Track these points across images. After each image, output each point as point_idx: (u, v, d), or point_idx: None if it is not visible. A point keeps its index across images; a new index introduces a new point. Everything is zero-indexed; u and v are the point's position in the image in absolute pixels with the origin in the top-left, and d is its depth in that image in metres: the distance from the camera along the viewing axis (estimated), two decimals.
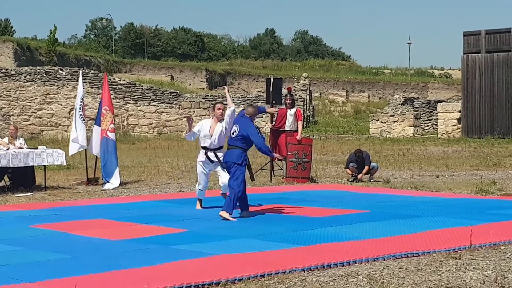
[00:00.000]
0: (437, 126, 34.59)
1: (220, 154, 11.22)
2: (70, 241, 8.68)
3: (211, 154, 11.23)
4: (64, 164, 15.80)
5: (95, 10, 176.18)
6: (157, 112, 34.67)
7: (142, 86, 35.50)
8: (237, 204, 10.61)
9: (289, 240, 8.59)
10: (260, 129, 11.11)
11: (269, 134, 17.66)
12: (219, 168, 11.29)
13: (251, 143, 10.68)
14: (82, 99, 16.10)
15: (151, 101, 34.64)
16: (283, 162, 16.84)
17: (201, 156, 11.36)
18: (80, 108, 15.85)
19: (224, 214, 10.33)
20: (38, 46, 53.27)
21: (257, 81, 65.70)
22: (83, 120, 15.81)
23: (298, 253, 7.81)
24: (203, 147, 11.32)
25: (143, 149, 27.12)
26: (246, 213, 10.78)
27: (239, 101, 38.59)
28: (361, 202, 12.53)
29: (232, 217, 10.35)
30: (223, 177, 11.15)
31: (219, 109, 11.40)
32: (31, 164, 14.58)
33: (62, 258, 7.57)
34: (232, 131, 10.79)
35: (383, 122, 35.29)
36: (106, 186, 15.10)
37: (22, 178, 14.88)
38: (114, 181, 15.33)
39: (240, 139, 10.63)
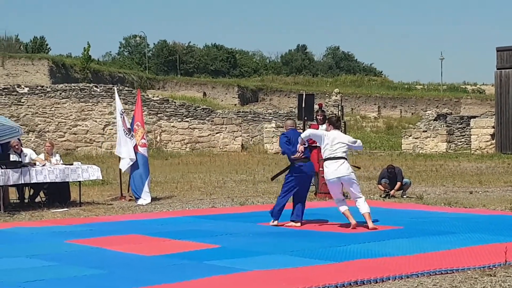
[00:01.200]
0: (470, 141, 34.30)
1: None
2: (105, 257, 8.77)
3: None
4: (100, 178, 15.96)
5: (129, 28, 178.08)
6: (190, 128, 34.85)
7: (175, 102, 35.75)
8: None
9: (322, 256, 8.59)
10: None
11: None
12: None
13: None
14: (122, 113, 16.22)
15: (184, 117, 34.85)
16: (314, 177, 16.82)
17: None
18: (122, 123, 15.97)
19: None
20: (72, 64, 53.95)
21: (288, 97, 65.78)
22: (126, 134, 15.91)
23: (331, 269, 7.82)
24: None
25: (175, 165, 27.28)
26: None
27: (270, 117, 38.70)
28: (394, 218, 12.47)
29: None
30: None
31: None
32: (67, 179, 14.75)
33: (97, 274, 7.65)
34: None
35: (415, 138, 35.09)
36: (139, 201, 15.21)
37: (58, 194, 15.05)
38: (146, 196, 15.42)
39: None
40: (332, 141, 10.96)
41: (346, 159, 10.99)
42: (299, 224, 11.45)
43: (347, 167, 10.97)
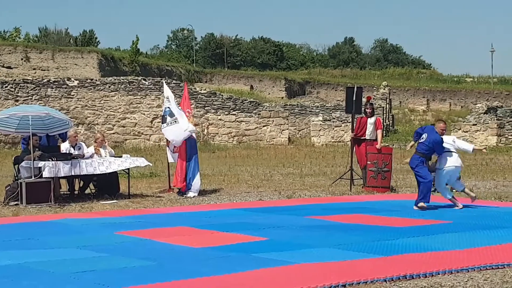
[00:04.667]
0: None
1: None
2: (154, 248, 8.86)
3: None
4: (151, 164, 16.10)
5: (177, 21, 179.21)
6: (237, 121, 34.94)
7: (222, 95, 35.85)
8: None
9: (370, 250, 8.55)
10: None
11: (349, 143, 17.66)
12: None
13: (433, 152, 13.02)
14: (169, 99, 16.03)
15: (231, 110, 34.95)
16: (362, 171, 16.76)
17: None
18: (177, 104, 15.86)
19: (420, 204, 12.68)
20: (121, 57, 54.43)
21: (336, 90, 65.45)
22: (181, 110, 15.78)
23: (380, 263, 7.78)
24: None
25: (223, 158, 27.39)
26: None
27: (317, 110, 38.57)
28: (443, 212, 12.37)
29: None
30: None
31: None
32: (117, 169, 14.87)
33: (146, 265, 7.73)
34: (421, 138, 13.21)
35: (465, 131, 34.61)
36: (189, 194, 15.24)
37: (107, 186, 15.22)
38: (196, 189, 15.42)
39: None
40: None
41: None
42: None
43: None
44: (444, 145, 12.98)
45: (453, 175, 13.08)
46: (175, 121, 15.50)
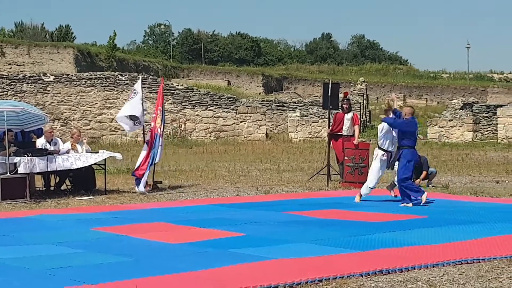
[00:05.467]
0: (497, 131, 34.00)
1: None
2: (131, 244, 8.82)
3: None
4: (121, 158, 16.04)
5: (154, 16, 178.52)
6: (214, 117, 34.88)
7: (199, 91, 35.76)
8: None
9: (347, 245, 8.58)
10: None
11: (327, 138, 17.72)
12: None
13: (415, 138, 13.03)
14: (135, 93, 16.00)
15: (208, 106, 34.88)
16: (339, 166, 16.82)
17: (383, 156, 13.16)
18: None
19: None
20: (98, 52, 54.14)
21: (313, 86, 65.64)
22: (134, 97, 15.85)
23: (356, 258, 7.80)
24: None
25: (200, 154, 27.32)
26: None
27: (295, 106, 38.62)
28: (419, 207, 12.43)
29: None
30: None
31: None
32: (93, 162, 14.77)
33: (123, 261, 7.69)
34: None
35: (441, 127, 34.84)
36: (142, 190, 15.02)
37: (83, 182, 15.14)
38: (145, 182, 15.31)
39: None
40: None
41: (378, 147, 13.18)
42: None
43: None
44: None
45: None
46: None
